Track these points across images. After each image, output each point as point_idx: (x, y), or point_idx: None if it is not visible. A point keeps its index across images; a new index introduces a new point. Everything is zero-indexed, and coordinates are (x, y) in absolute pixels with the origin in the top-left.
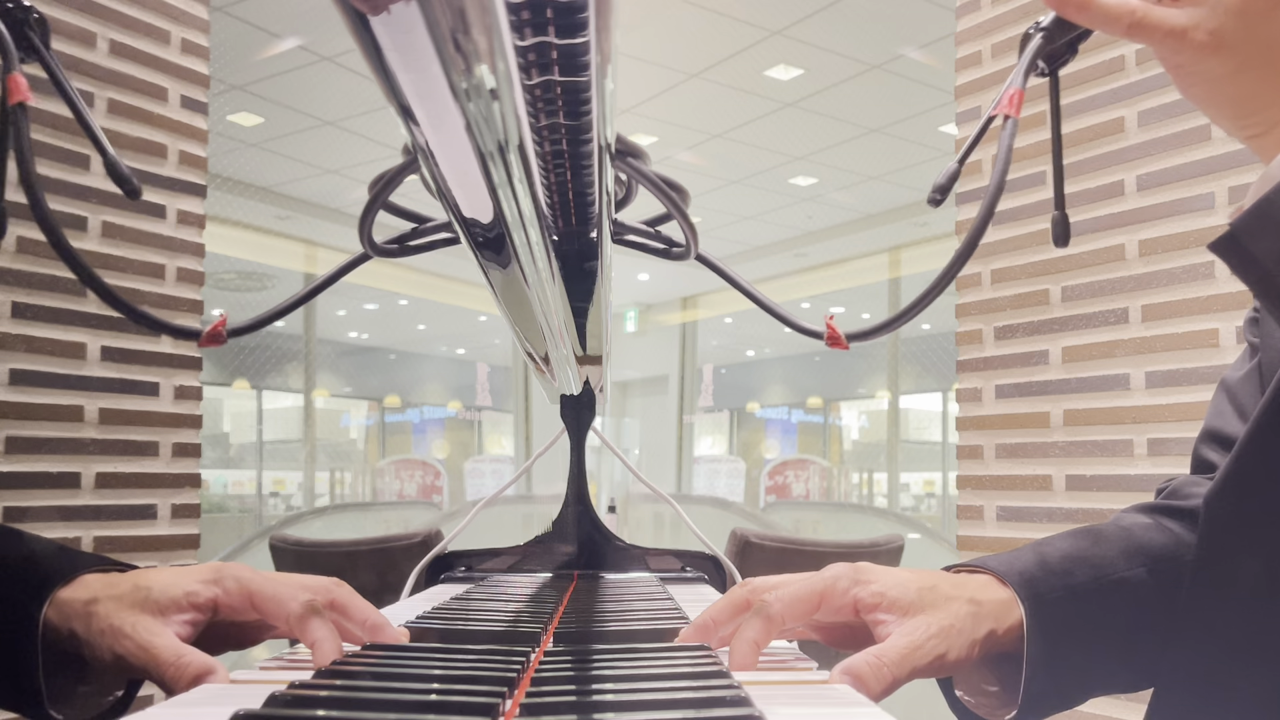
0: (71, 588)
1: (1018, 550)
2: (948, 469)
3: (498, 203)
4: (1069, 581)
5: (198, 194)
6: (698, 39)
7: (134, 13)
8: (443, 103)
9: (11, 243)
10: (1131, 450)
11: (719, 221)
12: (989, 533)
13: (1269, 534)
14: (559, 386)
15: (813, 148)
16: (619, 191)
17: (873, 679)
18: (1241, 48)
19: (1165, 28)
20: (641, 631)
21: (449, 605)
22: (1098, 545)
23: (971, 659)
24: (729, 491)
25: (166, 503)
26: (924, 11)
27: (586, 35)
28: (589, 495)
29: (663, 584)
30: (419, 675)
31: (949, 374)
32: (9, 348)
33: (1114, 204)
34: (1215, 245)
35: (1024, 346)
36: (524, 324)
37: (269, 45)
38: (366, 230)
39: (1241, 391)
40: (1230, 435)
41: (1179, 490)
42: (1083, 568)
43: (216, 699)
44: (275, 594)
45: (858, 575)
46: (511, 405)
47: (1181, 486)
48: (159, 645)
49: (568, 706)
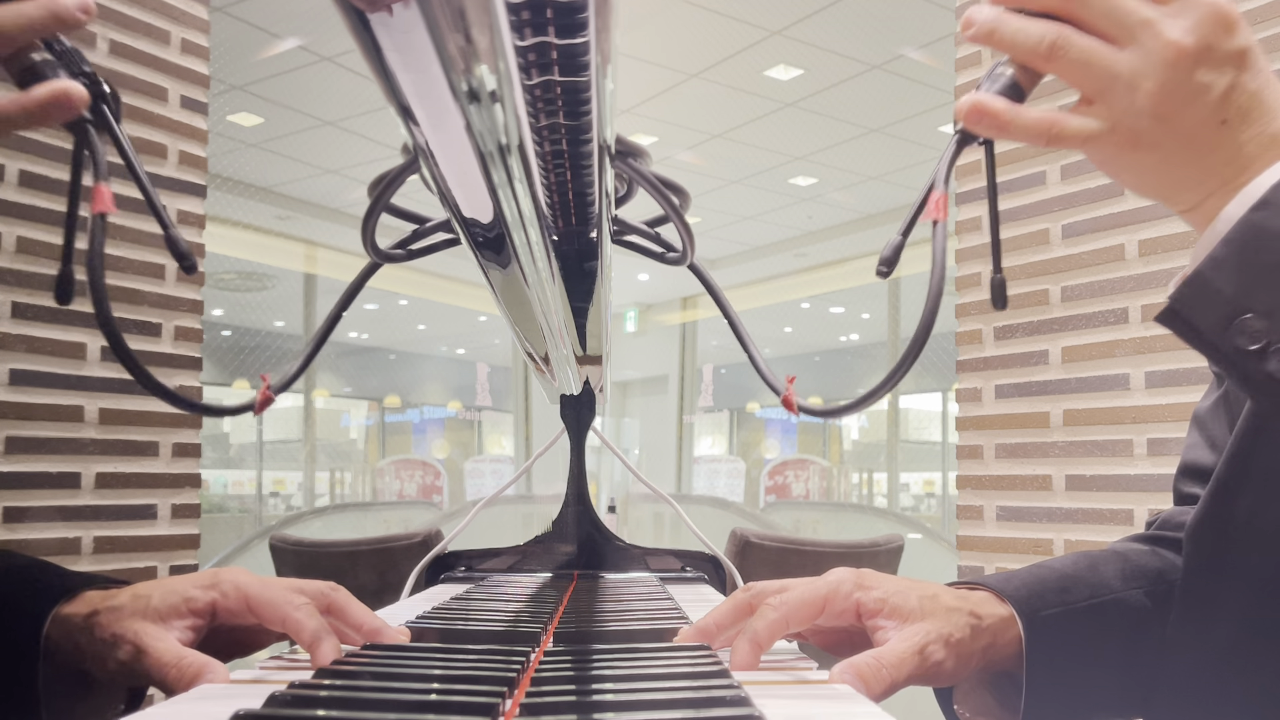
0: (72, 604)
1: (1015, 570)
2: (948, 469)
3: (498, 203)
4: (1067, 599)
5: (198, 194)
6: (698, 39)
7: (134, 13)
8: (443, 103)
9: (11, 243)
10: (1131, 450)
11: (719, 221)
12: (989, 533)
13: (1249, 564)
14: (559, 386)
15: (813, 148)
16: (620, 189)
17: (872, 679)
18: (1160, 142)
19: (1082, 135)
20: (641, 631)
21: (449, 605)
22: (1095, 568)
23: (969, 670)
24: (729, 491)
25: (166, 503)
26: (924, 11)
27: (586, 35)
28: (589, 495)
29: (663, 584)
30: (419, 675)
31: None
32: (9, 348)
33: (1114, 204)
34: (1160, 318)
35: (1024, 346)
36: (524, 324)
37: (269, 45)
38: (370, 236)
39: (1211, 422)
40: (1205, 467)
41: (1170, 521)
42: (1080, 588)
43: (216, 699)
44: (272, 598)
45: (861, 581)
46: (511, 405)
47: (1172, 517)
48: (160, 649)
49: (568, 706)
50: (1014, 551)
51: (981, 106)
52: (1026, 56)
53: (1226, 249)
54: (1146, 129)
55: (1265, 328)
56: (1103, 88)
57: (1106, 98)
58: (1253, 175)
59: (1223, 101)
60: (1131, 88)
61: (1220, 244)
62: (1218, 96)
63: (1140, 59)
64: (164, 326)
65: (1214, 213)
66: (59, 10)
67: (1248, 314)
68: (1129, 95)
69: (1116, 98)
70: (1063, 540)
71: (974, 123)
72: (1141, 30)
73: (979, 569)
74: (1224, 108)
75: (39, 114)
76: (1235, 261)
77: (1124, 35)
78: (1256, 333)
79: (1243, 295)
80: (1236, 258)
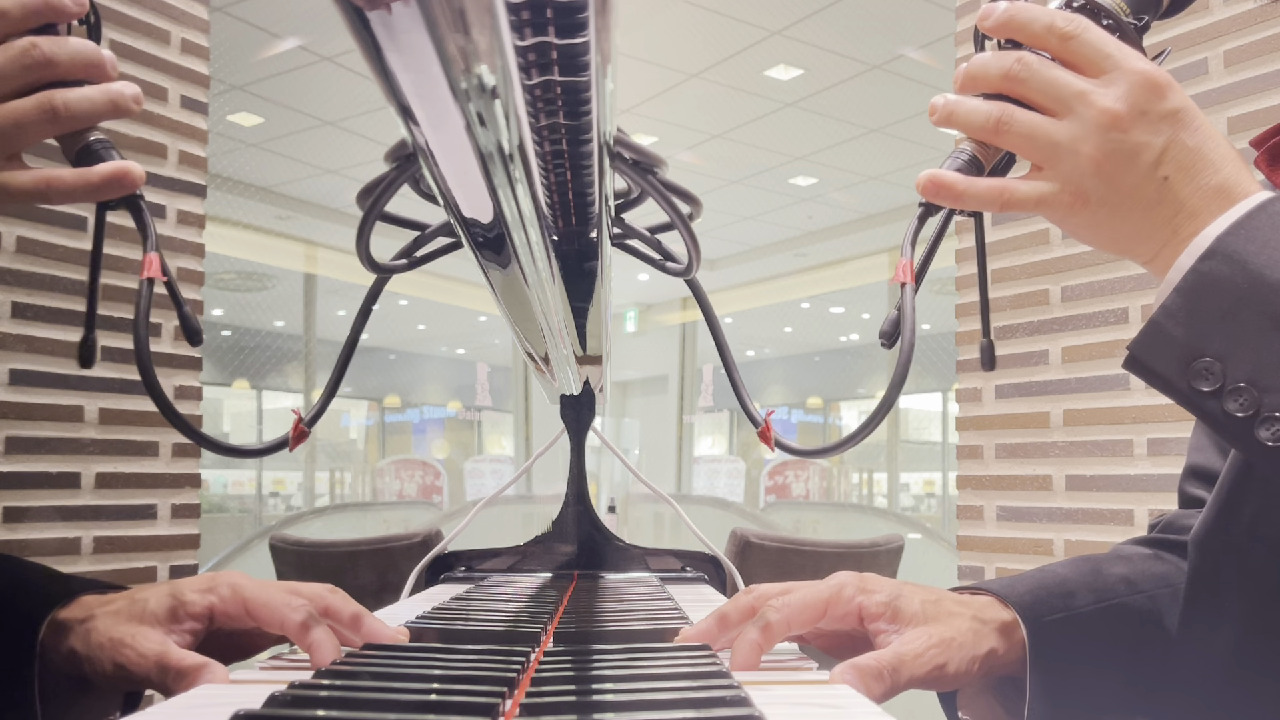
0: (69, 609)
1: (1018, 575)
2: (948, 469)
3: (498, 203)
4: (1070, 604)
5: (198, 194)
6: (698, 39)
7: (134, 13)
8: (443, 103)
9: (12, 243)
10: (1131, 450)
11: (719, 221)
12: (989, 533)
13: (1254, 571)
14: (559, 386)
15: (813, 148)
16: (632, 191)
17: (874, 681)
18: (1106, 200)
19: (1033, 199)
20: (641, 631)
21: (449, 605)
22: (1098, 572)
23: (972, 674)
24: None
25: (166, 503)
26: (924, 11)
27: (586, 35)
28: (589, 495)
29: (663, 584)
30: (419, 675)
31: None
32: (9, 348)
33: None
34: (1126, 365)
35: (1024, 346)
36: (524, 324)
37: (269, 45)
38: (364, 251)
39: None
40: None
41: (1173, 524)
42: (1084, 592)
43: (216, 699)
44: (270, 600)
45: (863, 584)
46: (511, 405)
47: (1175, 520)
48: (158, 651)
49: (568, 706)
50: (1014, 552)
51: (938, 180)
52: (979, 133)
53: (1178, 298)
54: (1092, 189)
55: (1220, 370)
56: (1047, 155)
57: (1052, 163)
58: (1201, 225)
59: (1161, 158)
60: (1073, 153)
61: (1172, 293)
62: (1155, 155)
63: (1078, 126)
64: (164, 326)
65: (1170, 263)
66: (118, 99)
67: (1203, 358)
68: (1072, 159)
69: (1061, 163)
70: (1063, 540)
71: (932, 195)
72: (1076, 101)
73: (979, 569)
74: (1163, 164)
75: (101, 189)
76: (1187, 310)
77: (1062, 107)
78: (1212, 375)
79: (1196, 340)
80: (1188, 306)
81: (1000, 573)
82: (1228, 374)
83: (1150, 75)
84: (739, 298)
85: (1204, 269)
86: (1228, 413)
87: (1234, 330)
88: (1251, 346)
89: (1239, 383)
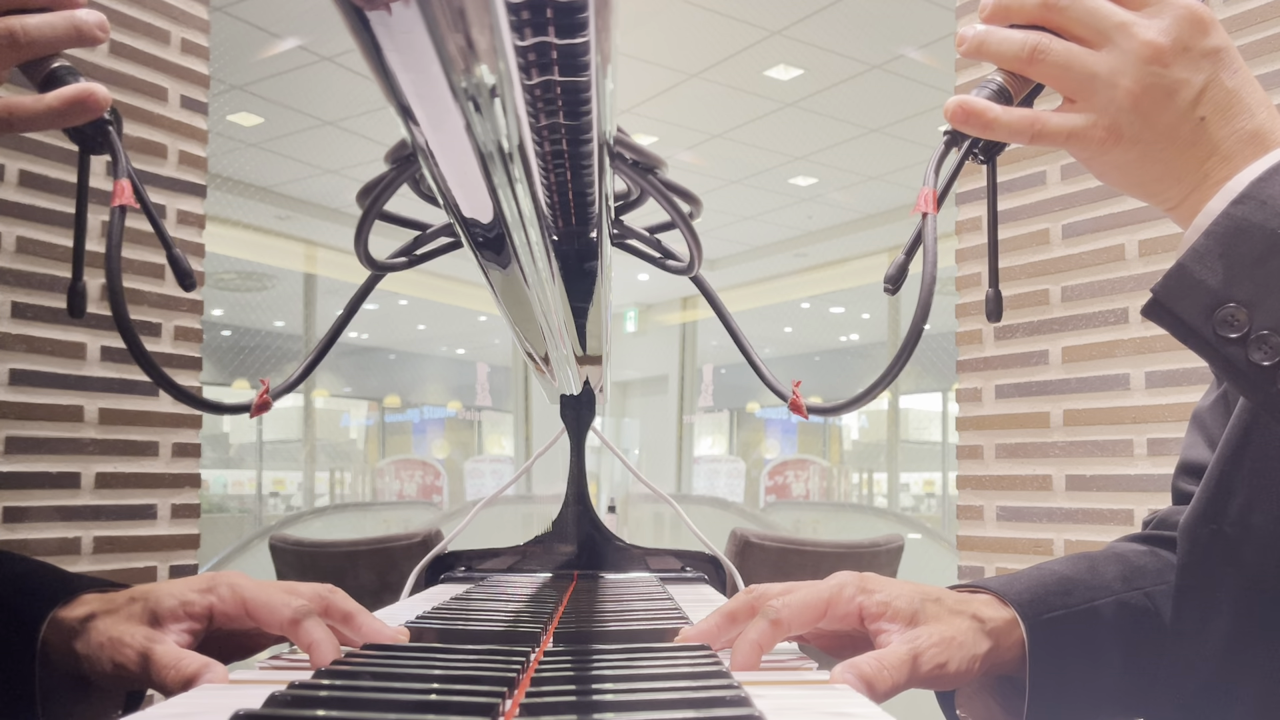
0: (69, 607)
1: (1017, 573)
2: (948, 469)
3: (498, 203)
4: (1068, 602)
5: (198, 194)
6: (698, 39)
7: (134, 13)
8: (443, 103)
9: (11, 243)
10: (1131, 450)
11: (719, 221)
12: (989, 533)
13: (1243, 559)
14: (559, 386)
15: (813, 148)
16: (632, 192)
17: (874, 680)
18: (1140, 138)
19: (1064, 132)
20: (641, 631)
21: (449, 605)
22: (1095, 569)
23: (972, 674)
24: (729, 491)
25: (166, 503)
26: (924, 11)
27: (586, 35)
28: (589, 495)
29: (663, 584)
30: (419, 675)
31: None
32: (9, 348)
33: (1114, 204)
34: (1145, 311)
35: (1024, 346)
36: (524, 324)
37: (269, 45)
38: (363, 249)
39: (1210, 421)
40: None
41: (1166, 520)
42: (1081, 590)
43: (216, 699)
44: (269, 600)
45: (863, 584)
46: (511, 405)
47: (1169, 516)
48: (158, 650)
49: (568, 706)
50: (1014, 552)
51: (968, 106)
52: (1011, 63)
53: (1208, 241)
54: (1126, 125)
55: (1245, 317)
56: (1082, 87)
57: (1087, 96)
58: (1233, 170)
59: (1199, 97)
60: (1110, 85)
61: (1202, 237)
62: (1194, 93)
63: (1117, 58)
64: (164, 326)
65: (1197, 208)
66: (81, 25)
67: (1229, 304)
68: (1108, 93)
69: (1096, 96)
70: (1063, 540)
71: (960, 121)
72: (1117, 32)
73: (979, 569)
74: (1201, 103)
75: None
76: (1216, 254)
77: (1101, 38)
78: (1237, 322)
79: (1223, 286)
80: (1218, 250)
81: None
82: (1254, 321)
83: (1195, 10)
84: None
85: (1236, 213)
86: (1252, 361)
87: (1263, 277)
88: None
89: (1264, 330)
